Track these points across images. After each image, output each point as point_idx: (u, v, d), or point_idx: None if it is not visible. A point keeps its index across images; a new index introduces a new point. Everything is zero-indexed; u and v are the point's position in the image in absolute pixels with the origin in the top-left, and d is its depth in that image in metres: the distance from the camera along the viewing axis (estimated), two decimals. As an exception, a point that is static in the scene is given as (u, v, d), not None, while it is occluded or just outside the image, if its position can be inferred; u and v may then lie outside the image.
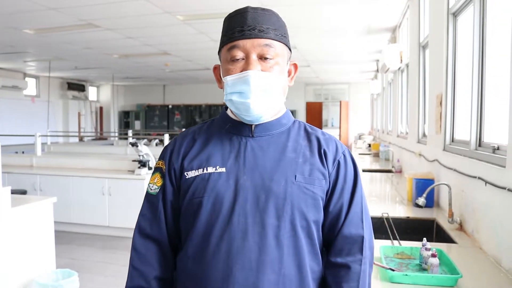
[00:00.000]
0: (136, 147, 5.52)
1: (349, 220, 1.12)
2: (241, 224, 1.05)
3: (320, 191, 1.10)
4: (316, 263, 1.11)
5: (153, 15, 5.61)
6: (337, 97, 14.76)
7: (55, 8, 5.25)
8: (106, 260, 4.66)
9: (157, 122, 16.26)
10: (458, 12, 2.80)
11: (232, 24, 1.10)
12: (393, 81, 7.18)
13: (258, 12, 1.10)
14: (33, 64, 10.55)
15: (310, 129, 1.21)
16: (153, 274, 1.15)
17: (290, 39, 1.19)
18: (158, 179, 1.18)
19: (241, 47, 1.08)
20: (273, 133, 1.15)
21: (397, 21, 5.99)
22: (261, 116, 1.10)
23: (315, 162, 1.12)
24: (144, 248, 1.16)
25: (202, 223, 1.08)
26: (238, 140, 1.14)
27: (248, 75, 1.06)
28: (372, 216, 2.69)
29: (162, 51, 8.44)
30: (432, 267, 1.73)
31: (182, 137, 1.21)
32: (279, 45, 1.11)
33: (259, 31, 1.08)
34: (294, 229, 1.06)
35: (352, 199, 1.14)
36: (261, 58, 1.08)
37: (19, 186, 5.66)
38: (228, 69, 1.10)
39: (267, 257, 1.03)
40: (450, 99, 2.95)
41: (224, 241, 1.05)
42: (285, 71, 1.14)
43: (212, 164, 1.11)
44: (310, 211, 1.08)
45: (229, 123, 1.17)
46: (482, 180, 2.06)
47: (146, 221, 1.18)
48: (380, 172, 5.38)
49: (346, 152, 1.18)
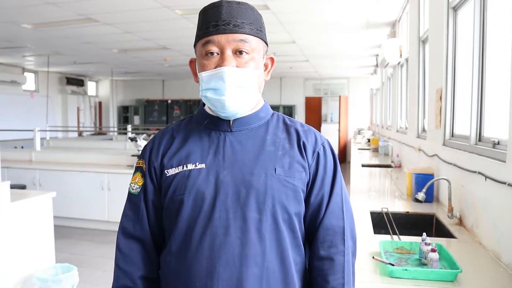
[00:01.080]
0: (135, 142, 5.53)
1: (330, 211, 1.13)
2: (223, 219, 1.05)
3: (301, 183, 1.11)
4: (298, 255, 1.11)
5: (152, 10, 5.58)
6: (337, 92, 14.73)
7: (54, 2, 5.22)
8: (105, 254, 4.67)
9: (156, 117, 16.22)
10: (458, 6, 2.78)
11: (207, 18, 1.10)
12: (392, 76, 7.17)
13: (233, 6, 1.09)
14: (31, 59, 10.51)
15: (289, 121, 1.21)
16: (138, 274, 1.15)
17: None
18: (139, 179, 1.18)
19: (215, 42, 1.07)
20: (252, 127, 1.15)
21: (397, 15, 5.96)
22: (237, 112, 1.10)
23: (294, 155, 1.12)
24: (128, 248, 1.17)
25: (184, 220, 1.08)
26: (216, 136, 1.14)
27: (223, 71, 1.05)
28: (371, 211, 2.72)
29: (161, 46, 8.41)
30: (432, 262, 1.73)
31: (161, 135, 1.21)
32: (254, 40, 1.10)
33: (234, 26, 1.07)
34: (275, 222, 1.06)
35: (332, 190, 1.14)
36: (236, 53, 1.08)
37: (18, 181, 5.66)
38: (203, 64, 1.09)
39: (250, 251, 1.04)
40: (450, 94, 2.94)
41: (207, 237, 1.05)
42: (260, 66, 1.14)
43: (192, 160, 1.11)
44: (291, 203, 1.09)
45: (207, 118, 1.17)
46: (482, 175, 2.06)
47: (129, 221, 1.18)
48: (380, 167, 5.38)
49: (325, 143, 1.18)
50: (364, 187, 3.72)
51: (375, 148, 7.56)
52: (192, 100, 15.90)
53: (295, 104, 14.77)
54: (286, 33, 6.86)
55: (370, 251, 1.94)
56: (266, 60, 1.18)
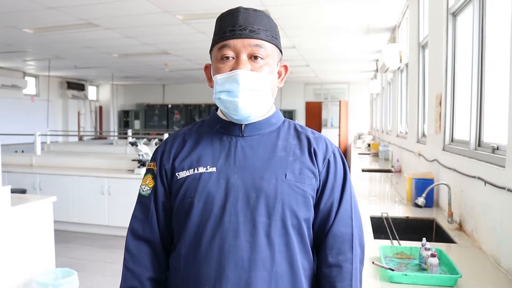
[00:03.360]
0: (135, 146, 5.53)
1: (339, 218, 1.13)
2: (233, 223, 1.06)
3: (310, 189, 1.11)
4: (307, 260, 1.12)
5: (153, 15, 5.60)
6: (337, 96, 14.75)
7: (55, 7, 5.25)
8: (106, 259, 4.67)
9: (157, 122, 16.25)
10: (458, 12, 2.80)
11: (224, 24, 1.11)
12: (392, 81, 7.18)
13: (249, 13, 1.11)
14: (32, 63, 10.54)
15: (300, 128, 1.22)
16: (146, 275, 1.16)
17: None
18: (149, 181, 1.19)
19: (231, 46, 1.09)
20: (263, 132, 1.16)
21: (397, 20, 5.98)
22: (249, 115, 1.11)
23: (305, 161, 1.13)
24: (137, 250, 1.17)
25: (194, 223, 1.08)
26: (228, 140, 1.15)
27: (237, 74, 1.06)
28: (371, 216, 2.72)
29: (161, 51, 8.44)
30: (432, 267, 1.73)
31: (172, 138, 1.22)
32: (269, 46, 1.12)
33: (250, 31, 1.09)
34: (285, 227, 1.07)
35: (342, 197, 1.15)
36: (251, 58, 1.09)
37: (19, 185, 5.66)
38: (218, 67, 1.11)
39: (259, 255, 1.04)
40: (450, 99, 2.95)
41: (216, 241, 1.05)
42: (274, 72, 1.15)
43: (203, 164, 1.12)
44: (300, 209, 1.09)
45: (219, 123, 1.18)
46: (482, 180, 2.06)
47: (139, 223, 1.19)
48: (380, 172, 5.38)
49: (336, 150, 1.20)
50: (364, 192, 3.72)
51: (375, 153, 7.57)
52: (192, 105, 15.93)
53: (295, 109, 14.79)
54: (286, 38, 6.88)
55: (370, 256, 1.93)
56: (280, 68, 1.20)
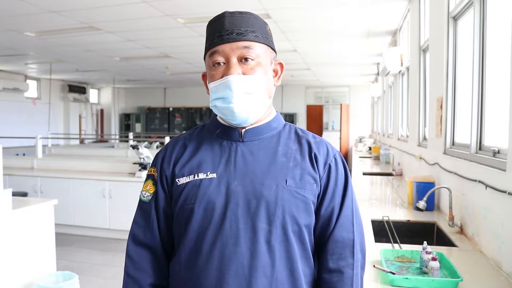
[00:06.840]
0: (137, 149, 5.53)
1: (340, 223, 1.12)
2: (233, 229, 1.05)
3: (311, 195, 1.10)
4: (308, 266, 1.11)
5: (154, 18, 5.62)
6: (338, 100, 14.74)
7: (57, 11, 5.26)
8: (107, 262, 4.67)
9: (158, 125, 16.25)
10: (458, 16, 2.81)
11: (212, 30, 1.12)
12: (393, 84, 7.19)
13: (235, 16, 1.10)
14: (34, 67, 10.56)
15: (301, 132, 1.21)
16: (147, 281, 1.15)
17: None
18: (150, 186, 1.19)
19: (221, 52, 1.09)
20: (263, 137, 1.15)
21: (398, 24, 5.99)
22: (247, 118, 1.10)
23: (306, 166, 1.12)
24: (138, 256, 1.17)
25: (194, 229, 1.08)
26: (228, 145, 1.14)
27: (229, 80, 1.06)
28: (372, 219, 2.72)
29: (163, 54, 8.45)
30: (433, 271, 1.73)
31: (173, 143, 1.21)
32: (259, 46, 1.11)
33: (237, 34, 1.08)
34: (285, 233, 1.06)
35: (343, 203, 1.14)
36: (241, 61, 1.08)
37: (20, 188, 5.67)
38: (211, 75, 1.11)
39: (259, 262, 1.04)
40: (451, 103, 2.95)
41: (217, 247, 1.05)
42: (268, 71, 1.14)
43: (203, 170, 1.11)
44: (301, 215, 1.08)
45: (219, 128, 1.17)
46: (483, 184, 2.06)
47: (140, 229, 1.18)
48: (381, 175, 5.38)
49: (337, 155, 1.19)
50: (365, 195, 3.72)
51: (376, 156, 7.57)
52: (193, 108, 15.95)
53: (296, 112, 14.79)
54: (287, 41, 6.89)
55: (371, 259, 1.93)
56: (275, 66, 1.18)
